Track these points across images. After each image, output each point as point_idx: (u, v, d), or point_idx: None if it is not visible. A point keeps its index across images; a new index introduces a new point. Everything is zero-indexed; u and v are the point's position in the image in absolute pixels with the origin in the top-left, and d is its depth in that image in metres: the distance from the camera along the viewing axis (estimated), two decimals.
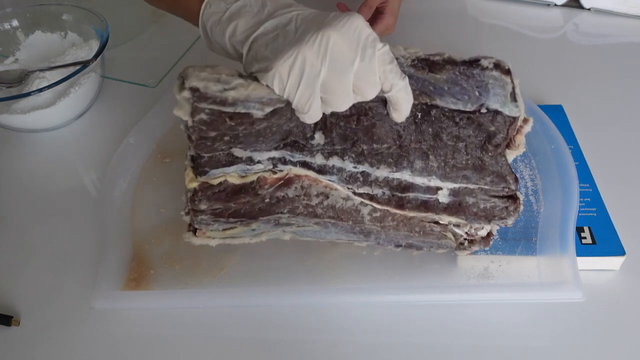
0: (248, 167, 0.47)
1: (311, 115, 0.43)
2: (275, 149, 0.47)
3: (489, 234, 0.53)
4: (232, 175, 0.47)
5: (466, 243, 0.53)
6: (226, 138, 0.44)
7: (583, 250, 0.53)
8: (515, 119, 0.45)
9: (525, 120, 0.47)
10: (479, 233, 0.52)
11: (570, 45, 0.84)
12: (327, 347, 0.51)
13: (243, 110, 0.42)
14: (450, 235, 0.52)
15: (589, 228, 0.55)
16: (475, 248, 0.53)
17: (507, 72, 0.46)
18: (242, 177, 0.47)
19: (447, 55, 0.47)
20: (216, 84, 0.42)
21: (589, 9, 0.89)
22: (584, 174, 0.60)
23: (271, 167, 0.47)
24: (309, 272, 0.55)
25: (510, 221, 0.49)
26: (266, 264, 0.56)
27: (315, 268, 0.55)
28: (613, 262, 0.54)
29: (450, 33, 0.88)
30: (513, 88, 0.45)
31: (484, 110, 0.45)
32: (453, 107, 0.45)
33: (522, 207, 0.49)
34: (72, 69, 0.71)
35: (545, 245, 0.53)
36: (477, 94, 0.45)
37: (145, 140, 0.70)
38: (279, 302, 0.53)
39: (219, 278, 0.55)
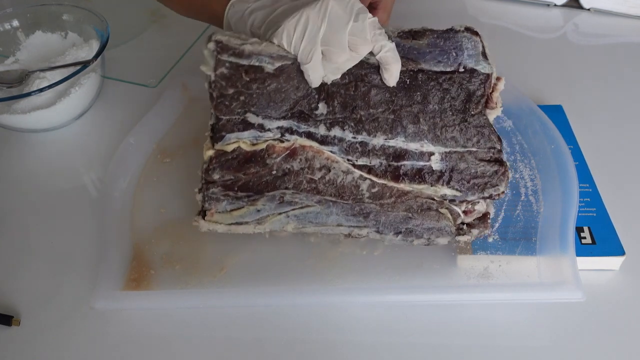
0: (259, 134, 0.52)
1: (313, 66, 0.50)
2: (284, 118, 0.52)
3: (486, 215, 0.54)
4: (245, 142, 0.52)
5: (465, 227, 0.53)
6: (242, 98, 0.51)
7: (583, 250, 0.53)
8: (489, 75, 0.52)
9: (498, 79, 0.52)
10: (476, 208, 0.53)
11: (570, 45, 0.84)
12: (327, 347, 0.51)
13: (257, 64, 0.50)
14: (447, 214, 0.53)
15: (589, 228, 0.55)
16: (475, 233, 0.53)
17: (476, 33, 0.53)
18: (254, 144, 0.52)
19: (427, 27, 0.54)
20: (236, 39, 0.50)
21: (588, 9, 0.89)
22: (584, 174, 0.60)
23: (279, 136, 0.52)
24: (309, 272, 0.55)
25: (502, 187, 0.52)
26: (266, 264, 0.56)
27: (315, 268, 0.55)
28: (613, 262, 0.54)
29: None
30: (483, 47, 0.53)
31: (461, 70, 0.52)
32: (436, 69, 0.52)
33: (510, 175, 0.53)
34: (72, 69, 0.71)
35: (545, 245, 0.53)
36: (454, 54, 0.52)
37: (145, 140, 0.70)
38: (279, 302, 0.53)
39: (219, 278, 0.55)
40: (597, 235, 0.55)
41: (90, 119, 0.77)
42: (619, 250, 0.53)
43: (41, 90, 0.68)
